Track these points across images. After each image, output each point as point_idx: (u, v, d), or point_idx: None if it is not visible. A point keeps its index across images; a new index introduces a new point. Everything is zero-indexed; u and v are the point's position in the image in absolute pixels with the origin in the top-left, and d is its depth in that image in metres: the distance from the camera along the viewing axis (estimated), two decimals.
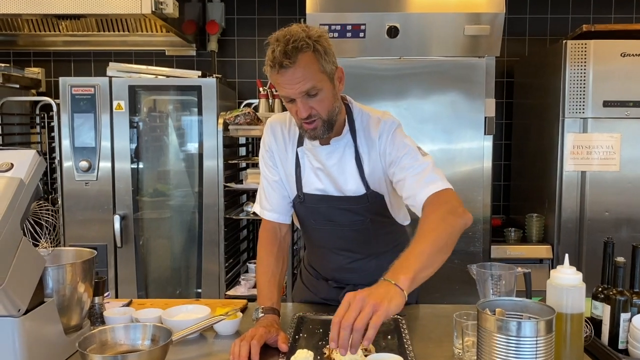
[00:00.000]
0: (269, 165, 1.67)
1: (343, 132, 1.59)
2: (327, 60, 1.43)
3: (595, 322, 1.39)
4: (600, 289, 1.40)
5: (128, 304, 1.71)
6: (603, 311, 1.37)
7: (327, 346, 1.36)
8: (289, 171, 1.65)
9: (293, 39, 1.37)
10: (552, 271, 1.24)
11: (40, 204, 1.36)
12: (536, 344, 1.02)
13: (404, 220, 1.77)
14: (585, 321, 1.37)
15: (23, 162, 1.23)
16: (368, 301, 1.12)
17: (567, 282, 1.21)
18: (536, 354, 1.02)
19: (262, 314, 1.49)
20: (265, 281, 1.58)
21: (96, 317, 1.55)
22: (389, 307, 1.13)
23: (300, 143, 1.63)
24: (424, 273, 1.25)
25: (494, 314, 1.11)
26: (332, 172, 1.60)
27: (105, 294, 1.63)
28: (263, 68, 1.45)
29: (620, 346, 1.33)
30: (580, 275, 1.22)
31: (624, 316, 1.33)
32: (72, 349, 1.35)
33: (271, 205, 1.67)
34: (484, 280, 1.45)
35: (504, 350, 1.04)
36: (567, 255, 1.25)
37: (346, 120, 1.60)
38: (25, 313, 1.19)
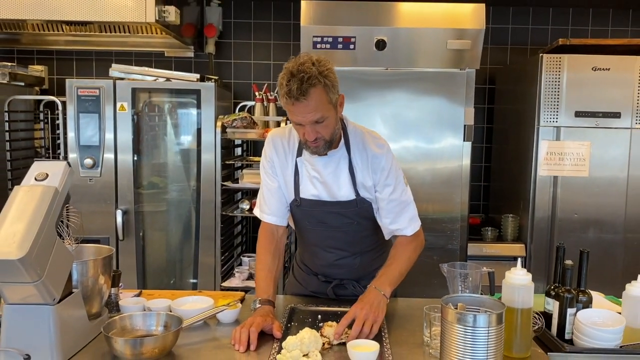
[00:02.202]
0: (269, 173, 1.88)
1: (339, 145, 1.80)
2: (334, 91, 1.64)
3: (547, 316, 1.60)
4: (551, 287, 1.62)
5: (138, 295, 1.91)
6: (553, 306, 1.58)
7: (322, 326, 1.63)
8: (288, 178, 1.85)
9: (307, 77, 1.56)
10: (506, 272, 1.46)
11: (67, 206, 1.55)
12: (488, 333, 1.24)
13: None
14: (538, 315, 1.59)
15: (56, 172, 1.42)
16: (370, 316, 1.58)
17: (518, 282, 1.43)
18: (488, 341, 1.24)
19: (259, 305, 1.69)
20: (262, 276, 1.79)
21: (112, 305, 1.74)
22: (382, 316, 1.63)
23: (299, 154, 1.84)
24: (396, 286, 1.76)
25: (457, 308, 1.32)
26: (328, 180, 1.81)
27: (119, 285, 1.83)
28: (277, 97, 1.64)
29: (567, 337, 1.55)
30: (529, 276, 1.44)
31: (570, 311, 1.54)
32: (94, 333, 1.56)
33: (270, 209, 1.87)
34: (453, 277, 1.65)
35: (462, 338, 1.25)
36: (519, 259, 1.47)
37: (342, 135, 1.81)
38: (59, 302, 1.39)
